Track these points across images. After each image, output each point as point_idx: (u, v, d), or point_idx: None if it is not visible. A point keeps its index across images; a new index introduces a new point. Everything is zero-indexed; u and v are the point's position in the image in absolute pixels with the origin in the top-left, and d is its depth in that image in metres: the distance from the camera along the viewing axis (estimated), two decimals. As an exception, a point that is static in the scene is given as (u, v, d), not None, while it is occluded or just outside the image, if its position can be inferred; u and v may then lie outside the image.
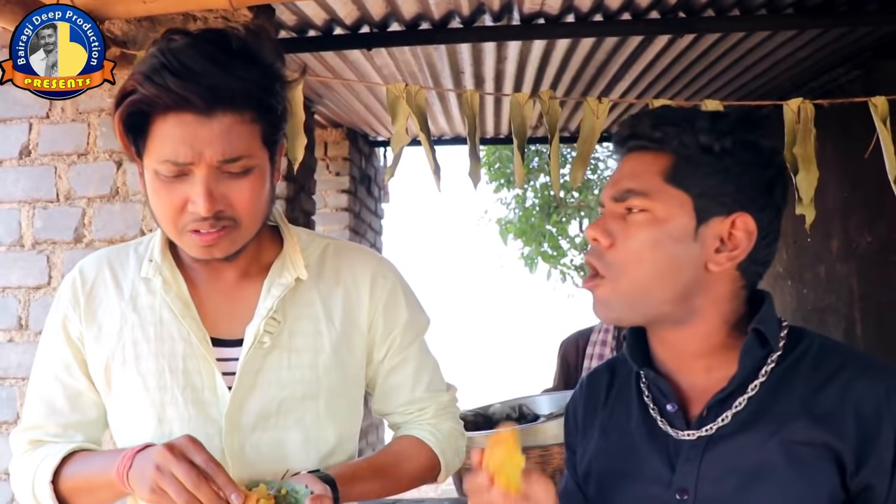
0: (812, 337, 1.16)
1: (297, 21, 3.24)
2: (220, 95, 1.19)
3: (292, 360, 1.35)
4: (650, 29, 3.32)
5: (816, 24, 3.31)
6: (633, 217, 1.12)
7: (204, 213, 1.21)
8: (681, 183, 1.11)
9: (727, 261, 1.11)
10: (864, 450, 1.06)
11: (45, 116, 2.67)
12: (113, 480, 1.24)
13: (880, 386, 1.08)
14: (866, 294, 4.32)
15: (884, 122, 2.21)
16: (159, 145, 1.21)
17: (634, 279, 1.12)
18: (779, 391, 1.12)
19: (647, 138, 1.14)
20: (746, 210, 1.11)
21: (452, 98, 4.57)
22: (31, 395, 1.41)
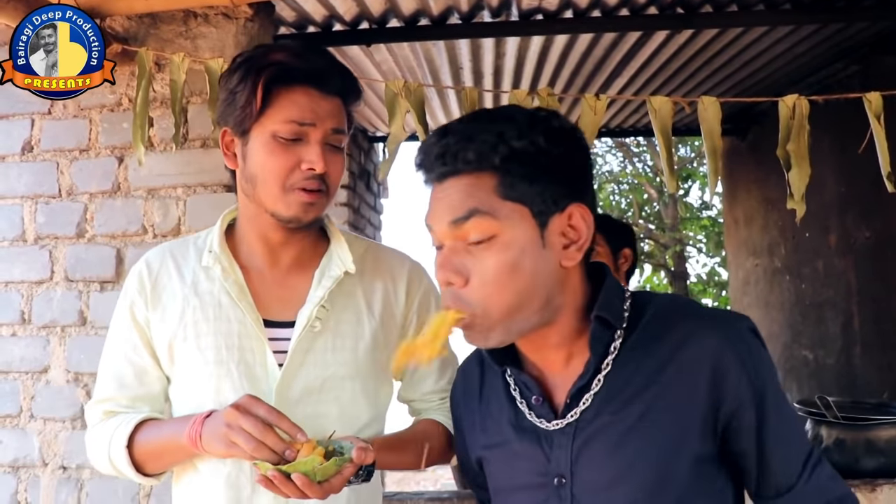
0: (651, 304, 1.19)
1: (297, 17, 3.25)
2: (335, 83, 1.49)
3: (336, 344, 1.53)
4: (648, 25, 3.33)
5: (814, 20, 3.32)
6: (481, 248, 1.09)
7: (319, 170, 1.45)
8: (514, 196, 1.08)
9: (578, 252, 1.13)
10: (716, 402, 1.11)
11: (47, 112, 2.69)
12: (184, 444, 1.43)
13: (711, 341, 1.12)
14: (864, 289, 4.34)
15: (878, 117, 2.22)
16: (286, 109, 1.45)
17: (502, 307, 1.09)
18: (628, 366, 1.15)
19: (464, 161, 1.09)
20: (576, 199, 1.12)
21: (451, 93, 4.58)
22: (103, 372, 1.59)
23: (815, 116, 2.32)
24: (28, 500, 2.57)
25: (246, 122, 1.47)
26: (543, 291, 1.11)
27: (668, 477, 1.12)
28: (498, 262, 1.08)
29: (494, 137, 1.08)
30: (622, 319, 1.17)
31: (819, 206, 4.74)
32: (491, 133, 1.08)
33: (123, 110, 2.64)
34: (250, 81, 1.45)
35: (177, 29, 2.62)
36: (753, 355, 1.13)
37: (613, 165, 12.55)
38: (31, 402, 2.59)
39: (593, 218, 1.14)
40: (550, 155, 1.09)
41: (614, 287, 1.19)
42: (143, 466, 1.52)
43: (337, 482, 1.34)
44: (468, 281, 1.09)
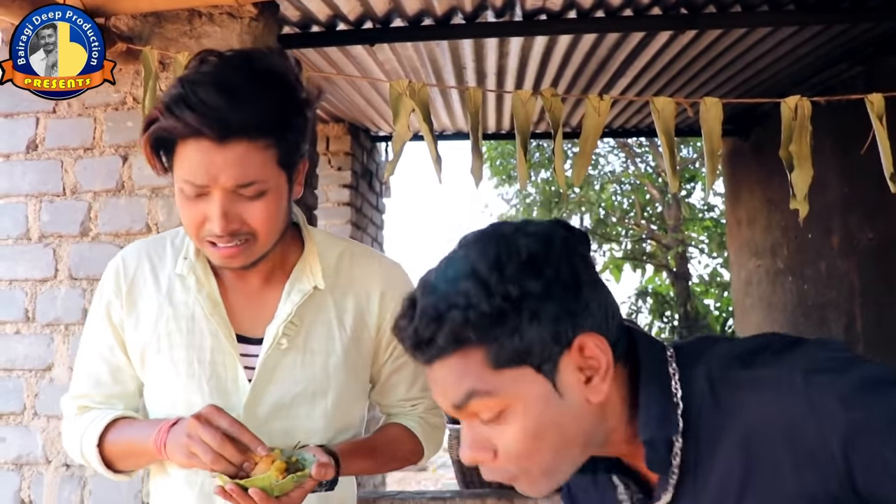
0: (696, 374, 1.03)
1: (301, 16, 3.26)
2: (232, 128, 1.29)
3: (306, 360, 1.50)
4: (652, 25, 3.33)
5: (818, 21, 3.32)
6: (495, 423, 0.99)
7: (219, 232, 1.34)
8: (507, 361, 0.96)
9: (601, 383, 0.99)
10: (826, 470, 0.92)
11: (51, 111, 2.69)
12: (150, 449, 1.42)
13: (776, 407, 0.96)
14: (866, 290, 4.34)
15: (880, 118, 2.23)
16: (182, 166, 1.34)
17: (540, 468, 1.01)
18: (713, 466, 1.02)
19: (437, 347, 0.97)
20: (578, 328, 0.97)
21: (454, 93, 4.58)
22: (79, 370, 1.58)
23: (819, 117, 2.33)
24: (31, 497, 2.57)
25: (158, 168, 1.40)
26: (579, 436, 1.01)
27: None
28: (517, 433, 0.98)
29: (462, 311, 0.95)
30: (674, 423, 1.01)
31: (822, 207, 4.74)
32: (457, 306, 0.95)
33: (128, 109, 2.64)
34: (141, 134, 1.37)
35: (181, 28, 2.62)
36: (825, 399, 0.93)
37: (616, 166, 12.55)
38: (34, 399, 2.59)
39: (605, 339, 0.99)
40: (531, 299, 0.95)
41: (653, 387, 1.03)
42: (114, 464, 1.52)
43: (296, 496, 1.34)
44: (496, 453, 1.00)
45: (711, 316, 11.51)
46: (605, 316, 1.01)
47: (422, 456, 1.63)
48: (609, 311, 1.02)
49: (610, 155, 12.47)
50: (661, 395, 1.02)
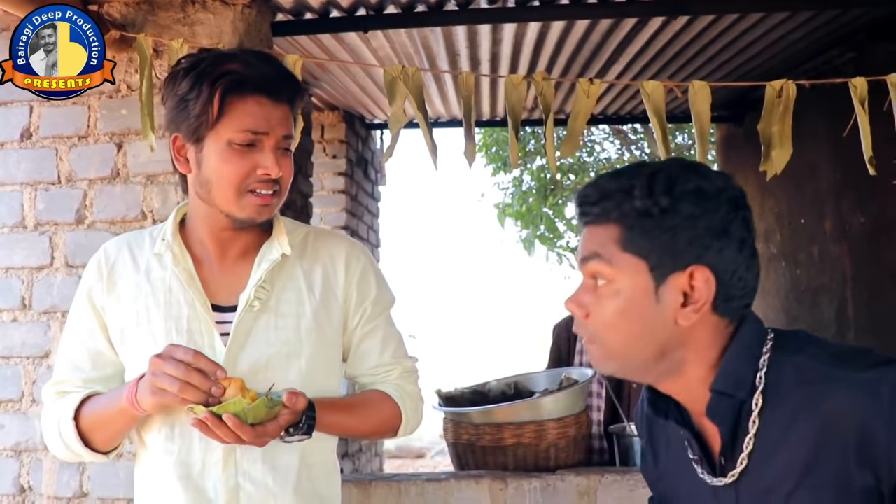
0: (790, 361, 1.14)
1: (294, 4, 3.26)
2: (284, 92, 1.55)
3: (278, 323, 1.59)
4: (644, 11, 3.34)
5: (809, 6, 3.33)
6: (600, 290, 1.16)
7: (275, 175, 1.52)
8: (633, 249, 1.13)
9: (694, 313, 1.13)
10: (873, 472, 1.05)
11: (45, 99, 2.69)
12: (124, 407, 1.49)
13: (859, 405, 1.06)
14: (858, 274, 4.37)
15: (862, 103, 2.25)
16: (241, 118, 1.51)
17: (614, 344, 1.16)
18: (774, 435, 1.13)
19: (593, 214, 1.18)
20: (701, 260, 1.12)
21: (448, 80, 4.59)
22: (60, 357, 1.66)
23: (812, 103, 2.35)
24: (31, 483, 2.60)
25: (201, 130, 1.52)
26: (655, 344, 1.15)
27: None
28: (611, 306, 1.15)
29: (623, 195, 1.14)
30: (748, 388, 1.14)
31: (814, 192, 4.77)
32: (622, 190, 1.15)
33: (122, 97, 2.65)
34: (206, 91, 1.50)
35: (174, 15, 2.63)
36: (891, 412, 1.04)
37: (611, 153, 12.55)
38: (32, 386, 2.61)
39: (726, 277, 1.13)
40: (674, 216, 1.11)
41: (745, 348, 1.16)
42: (91, 438, 1.57)
43: (271, 428, 1.41)
44: (588, 314, 1.17)
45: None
46: (733, 271, 1.13)
47: (401, 420, 1.68)
48: (739, 271, 1.14)
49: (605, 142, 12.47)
50: (747, 362, 1.15)
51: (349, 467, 4.92)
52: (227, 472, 1.53)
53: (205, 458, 1.54)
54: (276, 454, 1.55)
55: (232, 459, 1.53)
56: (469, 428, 2.64)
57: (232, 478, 1.53)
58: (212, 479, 1.53)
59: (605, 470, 2.58)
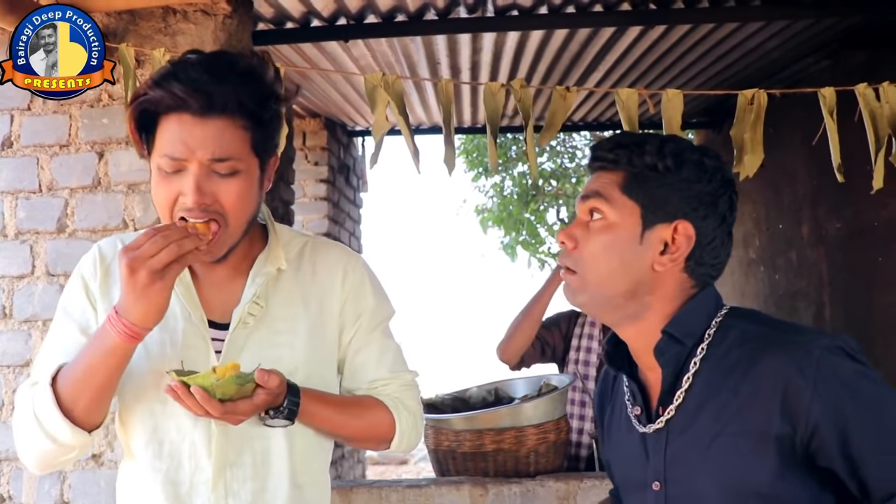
0: (736, 326, 1.27)
1: (275, 13, 3.28)
2: (214, 102, 1.36)
3: (273, 340, 1.52)
4: (622, 20, 3.39)
5: (783, 16, 3.39)
6: (592, 224, 1.30)
7: (190, 204, 1.36)
8: (632, 194, 1.28)
9: (669, 262, 1.27)
10: (791, 426, 1.16)
11: (26, 108, 2.70)
12: (111, 343, 1.35)
13: (780, 366, 1.18)
14: (834, 278, 4.43)
15: (831, 113, 2.32)
16: (161, 142, 1.38)
17: (594, 274, 1.29)
18: (710, 384, 1.25)
19: (605, 159, 1.31)
20: (688, 218, 1.27)
21: (429, 88, 4.62)
22: (42, 355, 1.52)
23: (788, 110, 2.40)
24: (10, 492, 2.59)
25: (141, 151, 1.45)
26: (629, 281, 1.28)
27: (752, 492, 1.20)
28: (599, 239, 1.28)
29: (635, 148, 1.29)
30: (697, 337, 1.28)
31: (792, 198, 4.82)
32: (635, 144, 1.29)
33: (103, 106, 2.66)
34: (129, 116, 1.40)
35: (156, 25, 2.64)
36: (826, 376, 1.16)
37: (592, 159, 12.63)
38: (13, 395, 2.60)
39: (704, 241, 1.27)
40: (674, 176, 1.27)
41: (701, 306, 1.30)
42: (73, 402, 1.40)
43: (243, 406, 1.35)
44: (577, 246, 1.30)
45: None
46: (710, 240, 1.28)
47: (394, 431, 1.59)
48: (715, 242, 1.29)
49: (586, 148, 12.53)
50: (700, 318, 1.29)
51: (332, 474, 4.92)
52: (216, 493, 1.46)
53: (193, 478, 1.47)
54: (266, 474, 1.49)
55: (221, 480, 1.47)
56: (450, 434, 2.67)
57: (221, 498, 1.47)
58: (200, 499, 1.47)
59: (584, 475, 2.61)
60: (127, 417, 1.52)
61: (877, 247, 4.00)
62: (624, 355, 1.37)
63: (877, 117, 2.34)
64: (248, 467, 1.48)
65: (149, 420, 1.49)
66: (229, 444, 1.47)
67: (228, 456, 1.47)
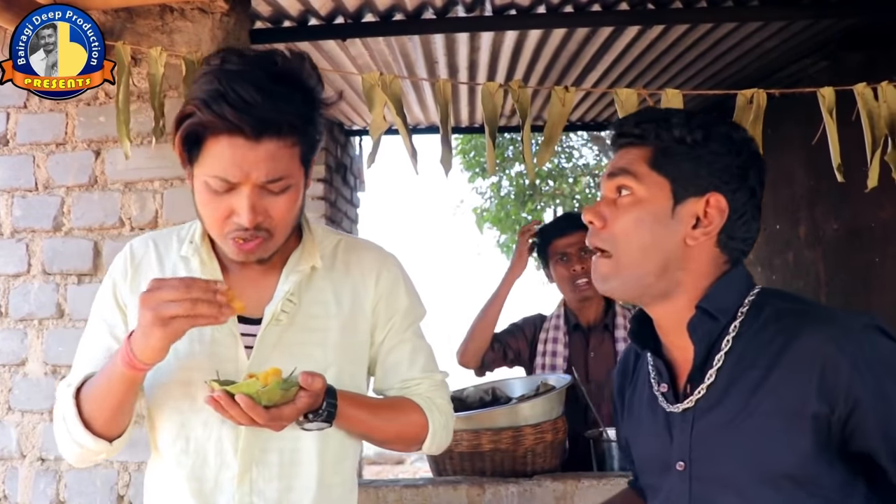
0: (769, 303, 1.24)
1: (273, 12, 3.27)
2: (268, 125, 1.35)
3: (304, 338, 1.52)
4: (620, 20, 3.39)
5: (781, 16, 3.39)
6: (621, 200, 1.27)
7: (247, 225, 1.38)
8: (661, 169, 1.26)
9: (702, 236, 1.24)
10: (829, 405, 1.12)
11: (22, 106, 2.69)
12: (120, 369, 1.37)
13: (819, 343, 1.14)
14: (832, 279, 4.43)
15: (830, 112, 2.30)
16: (212, 162, 1.37)
17: (625, 253, 1.26)
18: (742, 362, 1.21)
19: (632, 135, 1.30)
20: (719, 191, 1.24)
21: (427, 87, 4.61)
22: (79, 356, 1.56)
23: (787, 111, 2.39)
24: (6, 492, 2.58)
25: (184, 162, 1.44)
26: (661, 257, 1.25)
27: (781, 474, 1.16)
28: (629, 215, 1.26)
29: (662, 122, 1.27)
30: (730, 314, 1.25)
31: (789, 198, 4.82)
32: (662, 118, 1.28)
33: (100, 104, 2.65)
34: (174, 128, 1.40)
35: (153, 23, 2.63)
36: (867, 354, 1.13)
37: (589, 159, 12.61)
38: (8, 394, 2.60)
39: (735, 214, 1.25)
40: (703, 148, 1.25)
41: (735, 282, 1.27)
42: (92, 419, 1.44)
43: (287, 411, 1.35)
44: (605, 225, 1.28)
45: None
46: (742, 212, 1.26)
47: (427, 432, 1.59)
48: (746, 216, 1.27)
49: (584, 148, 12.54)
50: (734, 294, 1.26)
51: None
52: (241, 490, 1.46)
53: (218, 475, 1.47)
54: (294, 473, 1.49)
55: (247, 477, 1.47)
56: (447, 434, 2.66)
57: (246, 496, 1.46)
58: (224, 497, 1.47)
59: (581, 475, 2.60)
60: (155, 414, 1.53)
61: (874, 248, 4.00)
62: (648, 333, 1.35)
63: (874, 117, 2.33)
64: (274, 466, 1.48)
65: (176, 417, 1.50)
66: (257, 443, 1.47)
67: (255, 454, 1.48)
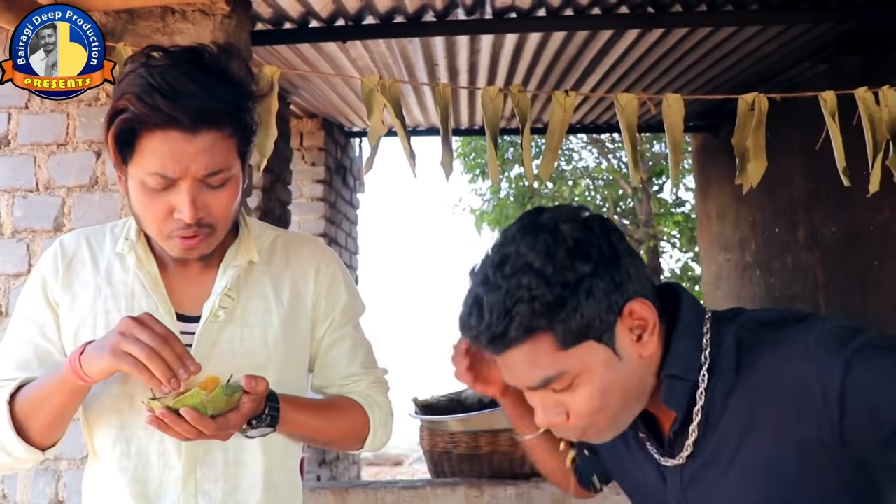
0: (728, 333, 1.16)
1: (274, 14, 3.29)
2: (205, 116, 1.30)
3: (244, 334, 1.48)
4: (619, 23, 3.40)
5: (779, 20, 3.40)
6: (566, 391, 1.12)
7: (189, 221, 1.33)
8: (574, 341, 1.08)
9: (651, 337, 1.13)
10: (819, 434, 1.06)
11: (24, 106, 2.70)
12: (65, 376, 1.32)
13: (793, 373, 1.08)
14: (830, 282, 4.44)
15: (833, 116, 2.30)
16: (148, 158, 1.32)
17: (607, 419, 1.15)
18: (725, 411, 1.15)
19: (512, 339, 1.08)
20: (626, 295, 1.10)
21: (427, 90, 4.63)
22: (3, 355, 1.48)
23: (785, 115, 2.39)
24: (5, 491, 2.59)
25: (118, 162, 1.37)
26: (637, 388, 1.15)
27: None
28: (586, 396, 1.11)
29: (528, 303, 1.06)
30: (697, 369, 1.15)
31: (788, 202, 4.84)
32: (523, 300, 1.06)
33: (101, 105, 2.65)
34: (104, 126, 1.33)
35: (154, 25, 2.64)
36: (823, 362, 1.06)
37: (589, 161, 12.63)
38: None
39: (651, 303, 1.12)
40: (585, 280, 1.07)
41: (687, 333, 1.17)
42: (27, 426, 1.38)
43: (233, 418, 1.30)
44: (569, 415, 1.14)
45: (683, 310, 11.59)
46: (643, 279, 1.14)
47: (368, 429, 1.57)
48: (644, 273, 1.15)
49: (583, 151, 12.56)
50: (692, 343, 1.16)
51: (326, 475, 4.92)
52: (186, 492, 1.42)
53: (162, 476, 1.43)
54: (239, 473, 1.46)
55: (192, 479, 1.43)
56: (445, 436, 2.67)
57: (191, 497, 1.43)
58: (169, 499, 1.43)
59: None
60: (92, 418, 1.47)
61: (872, 251, 4.01)
62: None
63: (875, 121, 2.33)
64: (219, 466, 1.44)
65: (115, 419, 1.44)
66: (200, 443, 1.41)
67: (199, 454, 1.43)
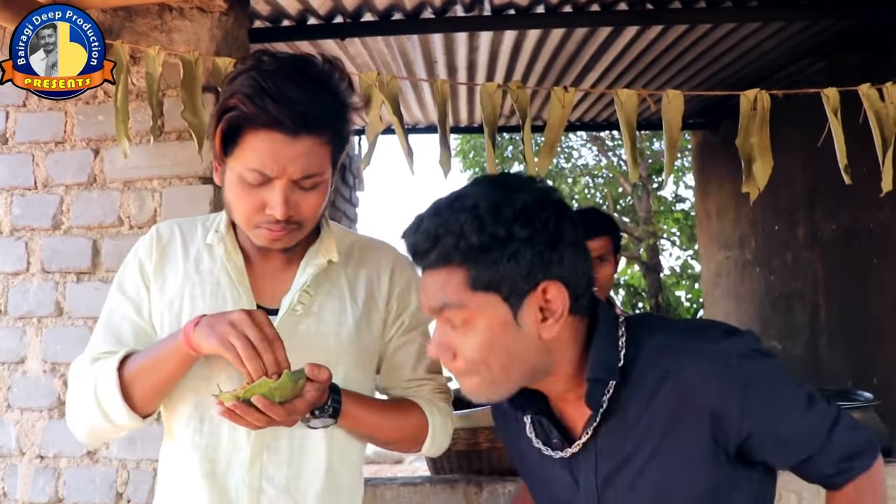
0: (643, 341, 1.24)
1: (271, 11, 3.28)
2: (307, 121, 1.39)
3: (320, 329, 1.56)
4: (619, 20, 3.40)
5: (779, 17, 3.40)
6: (460, 329, 1.19)
7: (280, 217, 1.42)
8: (482, 286, 1.15)
9: (555, 324, 1.18)
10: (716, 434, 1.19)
11: (21, 105, 2.69)
12: (178, 344, 1.41)
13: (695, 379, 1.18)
14: (830, 280, 4.44)
15: (835, 113, 2.28)
16: (249, 155, 1.41)
17: (487, 374, 1.20)
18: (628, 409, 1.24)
19: (432, 260, 1.18)
20: (549, 274, 1.16)
21: (426, 87, 4.62)
22: (100, 329, 1.58)
23: (786, 112, 2.38)
24: (5, 489, 2.59)
25: (220, 155, 1.46)
26: (524, 363, 1.20)
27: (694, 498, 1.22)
28: (474, 343, 1.18)
29: (455, 236, 1.14)
30: (616, 371, 1.22)
31: (788, 199, 4.83)
32: (453, 231, 1.14)
33: (99, 103, 2.65)
34: (213, 122, 1.44)
35: (152, 22, 2.64)
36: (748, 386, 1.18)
37: (588, 159, 12.64)
38: (7, 392, 2.60)
39: (572, 282, 1.18)
40: (511, 242, 1.13)
41: (606, 338, 1.24)
42: (132, 392, 1.46)
43: (299, 404, 1.37)
44: (455, 355, 1.21)
45: (682, 307, 11.63)
46: (576, 272, 1.19)
47: (426, 434, 1.62)
48: (581, 269, 1.20)
49: (583, 149, 12.55)
50: (611, 348, 1.23)
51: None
52: (251, 473, 1.49)
53: (231, 457, 1.50)
54: (303, 461, 1.52)
55: (258, 461, 1.50)
56: (444, 433, 2.66)
57: (256, 479, 1.49)
58: (235, 479, 1.49)
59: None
60: (172, 396, 1.54)
61: (872, 249, 4.01)
62: (527, 395, 1.31)
63: (882, 118, 2.30)
64: (284, 452, 1.51)
65: (192, 397, 1.52)
66: (268, 429, 1.47)
67: (267, 439, 1.50)
